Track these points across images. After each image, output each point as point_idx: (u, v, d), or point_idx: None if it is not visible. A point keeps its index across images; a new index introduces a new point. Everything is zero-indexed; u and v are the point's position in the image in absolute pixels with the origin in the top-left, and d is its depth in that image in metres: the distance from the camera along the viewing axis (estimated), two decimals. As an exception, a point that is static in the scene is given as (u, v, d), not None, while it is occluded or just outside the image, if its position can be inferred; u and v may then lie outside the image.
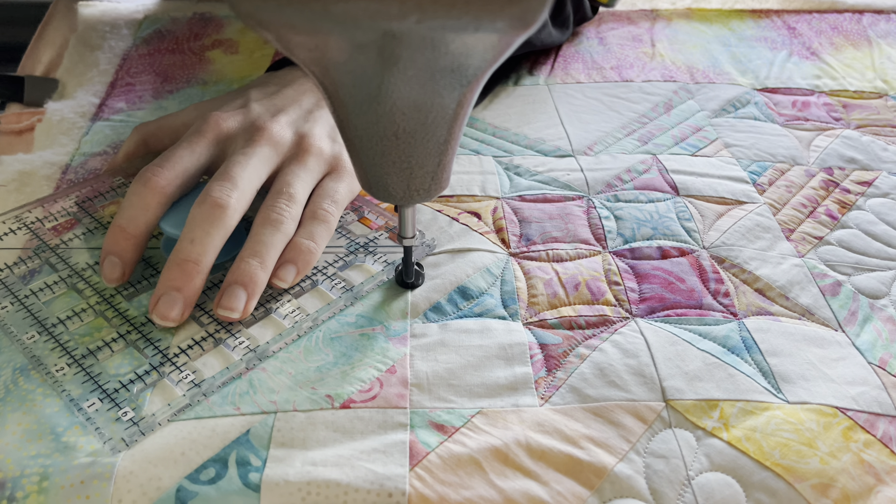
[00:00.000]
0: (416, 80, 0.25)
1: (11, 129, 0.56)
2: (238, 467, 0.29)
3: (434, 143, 0.28)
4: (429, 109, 0.27)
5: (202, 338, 0.35)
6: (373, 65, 0.24)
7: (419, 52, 0.24)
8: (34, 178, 0.48)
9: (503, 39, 0.24)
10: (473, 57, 0.25)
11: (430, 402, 0.32)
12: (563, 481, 0.29)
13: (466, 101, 0.27)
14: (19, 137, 0.56)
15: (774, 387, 0.35)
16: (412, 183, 0.30)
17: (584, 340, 0.36)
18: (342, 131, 0.29)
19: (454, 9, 0.22)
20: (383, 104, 0.26)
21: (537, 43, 0.60)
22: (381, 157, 0.29)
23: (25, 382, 0.33)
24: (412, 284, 0.38)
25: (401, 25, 0.22)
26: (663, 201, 0.47)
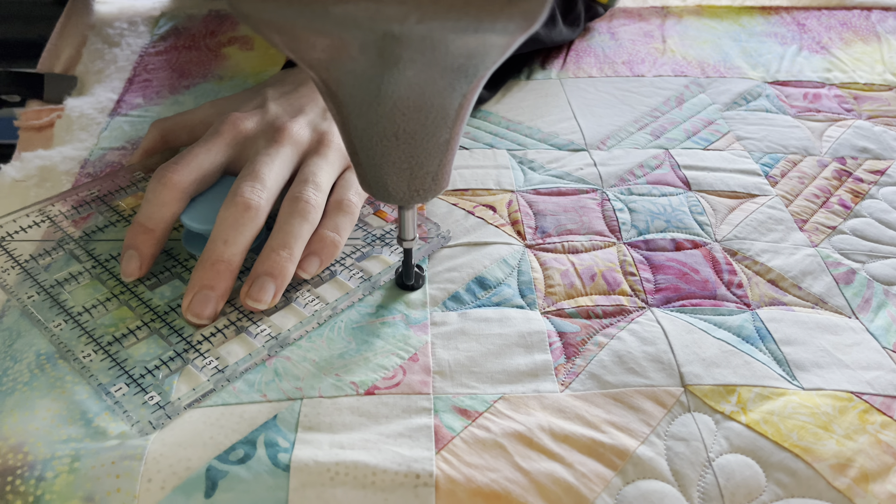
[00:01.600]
0: (416, 80, 0.25)
1: (31, 126, 0.57)
2: (267, 448, 0.29)
3: (434, 143, 0.28)
4: (429, 110, 0.27)
5: (224, 325, 0.36)
6: (373, 65, 0.24)
7: (419, 52, 0.24)
8: (54, 173, 0.49)
9: (503, 40, 0.24)
10: (473, 57, 0.25)
11: (453, 388, 0.33)
12: (587, 463, 0.30)
13: (467, 101, 0.27)
14: (39, 134, 0.57)
15: (789, 374, 0.35)
16: (412, 183, 0.30)
17: (602, 329, 0.36)
18: (342, 132, 0.29)
19: (454, 10, 0.22)
20: (383, 105, 0.26)
21: (548, 41, 0.61)
22: (381, 157, 0.29)
23: (52, 369, 0.33)
24: (412, 286, 0.38)
25: (401, 26, 0.22)
26: (676, 195, 0.47)
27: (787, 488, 0.30)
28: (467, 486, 0.28)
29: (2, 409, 0.31)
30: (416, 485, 0.28)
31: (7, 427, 0.30)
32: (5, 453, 0.29)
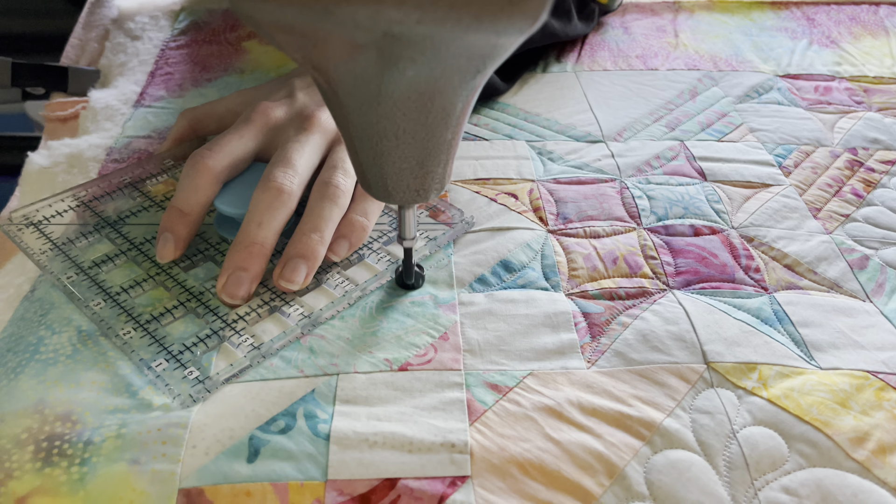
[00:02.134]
0: (416, 80, 0.25)
1: (57, 117, 0.58)
2: (307, 420, 0.31)
3: (435, 143, 0.28)
4: (429, 110, 0.27)
5: (258, 305, 0.37)
6: (373, 65, 0.24)
7: (419, 52, 0.24)
8: (80, 160, 0.50)
9: (504, 40, 0.24)
10: (474, 57, 0.25)
11: (483, 364, 0.34)
12: (616, 434, 0.31)
13: (467, 101, 0.27)
14: (64, 125, 0.58)
15: (807, 355, 0.36)
16: (412, 183, 0.30)
17: (625, 310, 0.37)
18: (342, 131, 0.29)
19: (454, 10, 0.22)
20: (384, 105, 0.26)
21: (563, 35, 0.62)
22: (381, 157, 0.29)
23: (94, 345, 0.34)
24: (412, 286, 0.38)
25: (401, 26, 0.22)
26: (692, 185, 0.48)
27: (810, 459, 0.31)
28: (501, 455, 0.30)
29: (45, 379, 0.32)
30: (451, 452, 0.29)
31: (53, 396, 0.31)
32: (52, 421, 0.30)
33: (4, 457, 0.29)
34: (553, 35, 0.60)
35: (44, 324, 0.35)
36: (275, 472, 0.29)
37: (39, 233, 0.41)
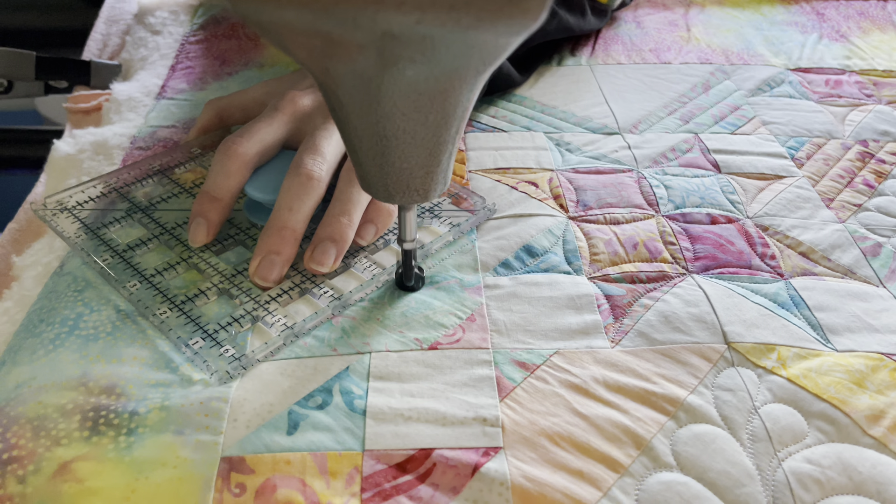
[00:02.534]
0: (416, 80, 0.25)
1: (80, 109, 0.59)
2: (342, 395, 0.32)
3: (435, 143, 0.28)
4: (429, 110, 0.27)
5: (289, 287, 0.38)
6: (373, 66, 0.24)
7: (419, 52, 0.24)
8: (105, 147, 0.51)
9: (503, 40, 0.24)
10: (473, 57, 0.25)
11: (511, 343, 0.35)
12: (642, 409, 0.32)
13: (467, 101, 0.27)
14: (87, 117, 0.59)
15: (823, 338, 0.37)
16: (412, 183, 0.30)
17: (647, 293, 0.38)
18: (342, 132, 0.29)
19: (454, 10, 0.22)
20: (383, 105, 0.26)
21: (577, 29, 0.63)
22: (381, 157, 0.29)
23: (133, 323, 0.35)
24: (411, 288, 0.38)
25: (400, 26, 0.22)
26: (707, 177, 0.49)
27: (828, 434, 0.32)
28: (532, 428, 0.31)
29: (88, 353, 0.33)
30: (483, 426, 0.30)
31: (96, 370, 0.32)
32: (98, 394, 0.31)
33: (51, 424, 0.30)
34: (567, 29, 0.61)
35: (81, 300, 0.36)
36: (313, 444, 0.30)
37: (74, 217, 0.42)
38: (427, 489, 0.28)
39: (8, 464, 0.29)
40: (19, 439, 0.29)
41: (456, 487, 0.28)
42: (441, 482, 0.28)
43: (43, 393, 0.31)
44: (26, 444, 0.29)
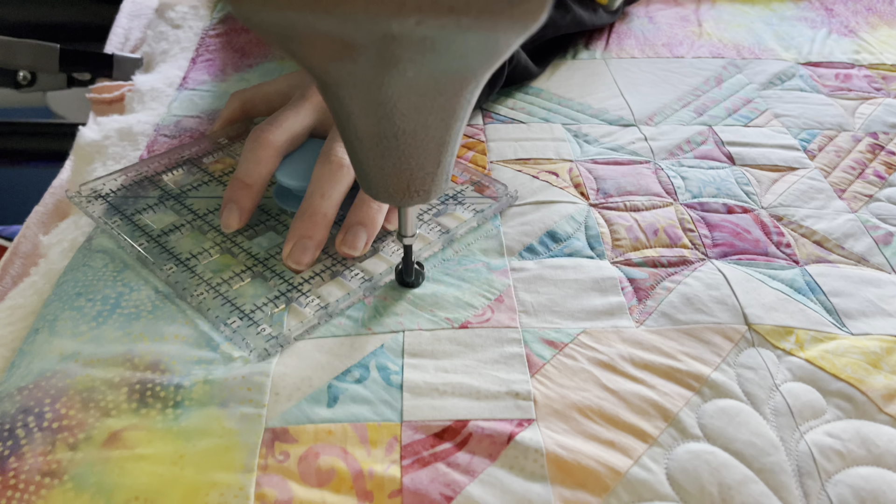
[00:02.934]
0: (416, 81, 0.25)
1: (103, 99, 0.60)
2: (379, 371, 0.33)
3: (435, 144, 0.28)
4: (429, 111, 0.27)
5: (321, 270, 0.39)
6: (373, 66, 0.24)
7: (419, 53, 0.24)
8: (130, 134, 0.52)
9: (503, 40, 0.24)
10: (474, 58, 0.25)
11: (539, 323, 0.36)
12: (668, 385, 0.33)
13: (467, 101, 0.27)
14: (110, 107, 0.60)
15: (838, 322, 0.38)
16: (412, 184, 0.30)
17: (668, 276, 0.40)
18: (342, 132, 0.29)
19: (454, 11, 0.22)
20: (384, 105, 0.26)
21: (590, 24, 0.64)
22: (381, 158, 0.29)
23: (172, 304, 0.36)
24: (411, 284, 0.38)
25: (401, 27, 0.22)
26: (722, 168, 0.50)
27: (846, 411, 0.33)
28: (562, 402, 0.32)
29: (131, 332, 0.34)
30: (516, 399, 0.32)
31: (140, 348, 0.33)
32: (143, 369, 0.32)
33: (99, 396, 0.31)
34: (580, 24, 0.62)
35: (120, 280, 0.38)
36: (353, 415, 0.31)
37: (108, 204, 0.43)
38: (464, 456, 0.29)
39: (58, 432, 0.30)
40: (69, 409, 0.31)
41: (492, 454, 0.29)
42: (477, 450, 0.30)
43: (90, 368, 0.32)
44: (76, 415, 0.30)
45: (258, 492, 0.28)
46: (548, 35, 0.60)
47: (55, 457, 0.29)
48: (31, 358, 0.33)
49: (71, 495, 0.28)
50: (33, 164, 0.78)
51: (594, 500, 0.28)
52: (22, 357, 0.34)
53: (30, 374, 0.32)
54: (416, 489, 0.28)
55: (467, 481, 0.28)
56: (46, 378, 0.32)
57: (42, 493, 0.28)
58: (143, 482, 0.28)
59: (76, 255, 0.40)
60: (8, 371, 0.33)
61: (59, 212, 0.48)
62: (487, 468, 0.29)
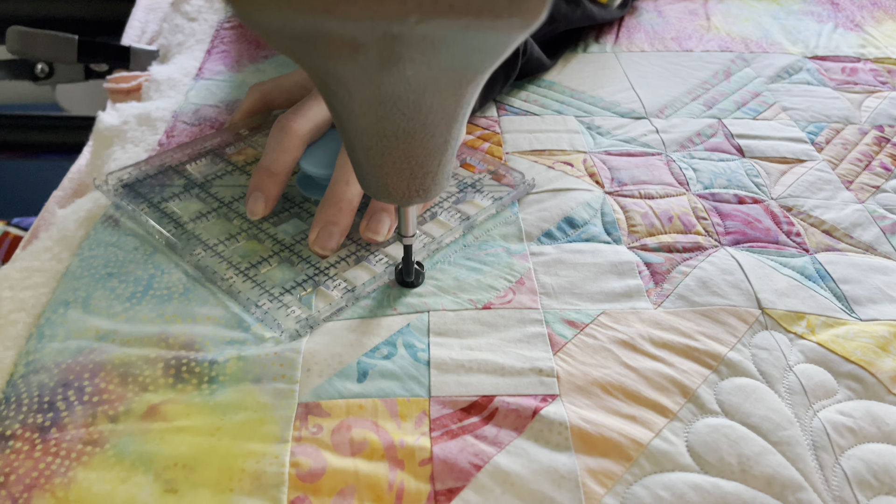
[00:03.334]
0: (416, 80, 0.25)
1: (120, 89, 0.61)
2: (406, 349, 0.34)
3: (434, 143, 0.28)
4: (429, 110, 0.27)
5: (346, 255, 0.40)
6: (373, 65, 0.24)
7: (419, 52, 0.24)
8: (149, 119, 0.53)
9: (503, 39, 0.24)
10: (474, 57, 0.25)
11: (559, 304, 0.37)
12: (686, 363, 0.34)
13: (467, 101, 0.27)
14: (127, 97, 0.61)
15: (848, 308, 0.39)
16: (412, 183, 0.30)
17: (683, 261, 0.41)
18: (342, 131, 0.29)
19: (454, 9, 0.21)
20: (383, 105, 0.26)
21: (600, 18, 0.65)
22: (381, 157, 0.29)
23: (202, 287, 0.37)
24: (411, 283, 0.38)
25: (401, 26, 0.22)
26: (732, 161, 0.51)
27: (857, 392, 0.34)
28: (585, 378, 0.33)
29: (164, 313, 0.36)
30: (540, 376, 0.33)
31: (174, 328, 0.35)
32: (178, 349, 0.33)
33: (137, 372, 0.32)
34: (591, 17, 0.63)
35: (151, 262, 0.39)
36: (383, 391, 0.32)
37: (134, 192, 0.44)
38: (492, 429, 0.30)
39: (98, 405, 0.31)
40: (108, 384, 0.32)
41: (518, 428, 0.30)
42: (504, 423, 0.31)
43: (126, 347, 0.33)
44: (115, 389, 0.31)
45: (293, 460, 0.29)
46: (559, 28, 0.61)
47: (96, 428, 0.30)
48: (67, 334, 0.34)
49: (112, 462, 0.29)
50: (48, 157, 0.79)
51: (618, 469, 0.29)
52: (53, 328, 0.35)
53: (67, 349, 0.33)
54: (445, 458, 0.29)
55: (495, 452, 0.30)
56: (84, 354, 0.33)
57: (84, 460, 0.29)
58: (182, 451, 0.29)
59: (98, 228, 0.41)
60: (37, 339, 0.34)
61: (77, 195, 0.49)
62: (514, 440, 0.30)
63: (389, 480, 0.28)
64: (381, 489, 0.28)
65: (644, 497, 0.28)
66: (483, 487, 0.28)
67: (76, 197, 0.49)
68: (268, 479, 0.28)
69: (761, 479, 0.29)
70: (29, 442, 0.30)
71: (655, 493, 0.28)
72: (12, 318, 0.35)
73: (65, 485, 0.28)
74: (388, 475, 0.29)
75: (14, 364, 0.33)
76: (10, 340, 0.34)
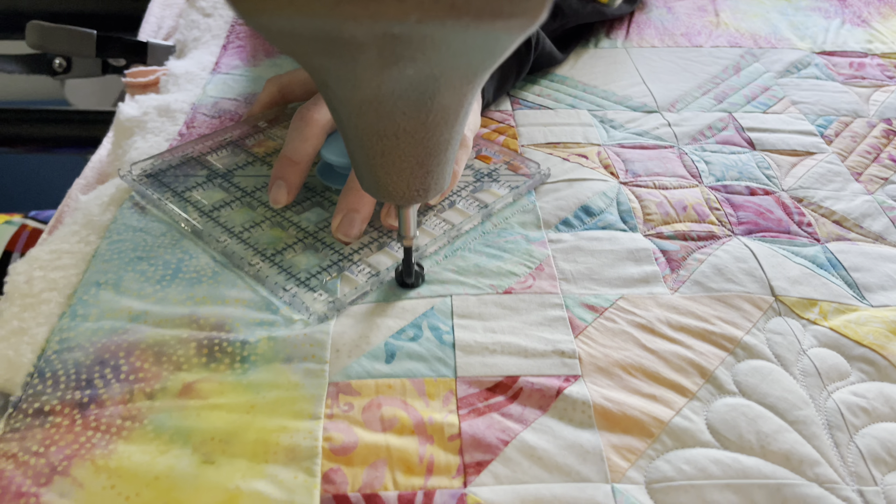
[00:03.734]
0: (416, 79, 0.25)
1: (138, 83, 0.62)
2: (431, 331, 0.35)
3: (435, 142, 0.28)
4: (429, 109, 0.27)
5: (369, 241, 0.41)
6: (373, 65, 0.24)
7: (419, 51, 0.24)
8: (169, 111, 0.54)
9: (503, 39, 0.24)
10: (474, 56, 0.25)
11: (578, 290, 0.38)
12: (703, 346, 0.35)
13: (466, 100, 0.27)
14: (145, 90, 0.62)
15: (859, 295, 0.40)
16: (412, 183, 0.30)
17: (698, 249, 0.42)
18: (342, 130, 0.29)
19: (454, 9, 0.22)
20: (384, 104, 0.26)
21: (610, 14, 0.66)
22: (381, 156, 0.29)
23: (230, 272, 0.38)
24: (411, 285, 0.38)
25: (401, 25, 0.22)
26: (744, 153, 0.52)
27: (869, 374, 0.35)
28: (606, 360, 0.34)
29: (194, 295, 0.37)
30: (562, 357, 0.34)
31: (204, 310, 0.35)
32: (209, 329, 0.34)
33: (171, 351, 0.33)
34: (600, 13, 0.64)
35: (179, 248, 0.40)
36: (410, 371, 0.33)
37: (158, 182, 0.45)
38: (517, 407, 0.31)
39: (135, 382, 0.32)
40: (143, 363, 0.33)
41: (542, 406, 0.31)
42: (528, 402, 0.32)
43: (159, 327, 0.34)
44: (150, 368, 0.32)
45: (326, 435, 0.30)
46: (570, 24, 0.62)
47: (134, 405, 0.31)
48: (100, 314, 0.35)
49: (151, 436, 0.30)
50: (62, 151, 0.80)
51: (641, 445, 0.30)
52: (86, 308, 0.36)
53: (101, 329, 0.34)
54: (473, 433, 0.30)
55: (521, 428, 0.30)
56: (119, 334, 0.34)
57: (123, 435, 0.30)
58: (217, 426, 0.30)
59: (125, 212, 0.42)
60: (70, 318, 0.35)
61: (99, 183, 0.50)
62: (539, 418, 0.31)
63: (420, 454, 0.29)
64: (412, 461, 0.29)
65: (667, 470, 0.29)
66: (511, 460, 0.29)
67: (98, 184, 0.50)
68: (302, 453, 0.29)
69: (779, 454, 0.30)
70: (69, 417, 0.30)
71: (678, 466, 0.29)
72: (44, 296, 0.36)
73: (105, 455, 0.29)
74: (418, 449, 0.29)
75: (46, 340, 0.34)
76: (42, 317, 0.35)
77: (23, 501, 0.27)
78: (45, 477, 0.28)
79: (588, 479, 0.29)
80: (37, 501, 0.28)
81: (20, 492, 0.28)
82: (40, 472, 0.28)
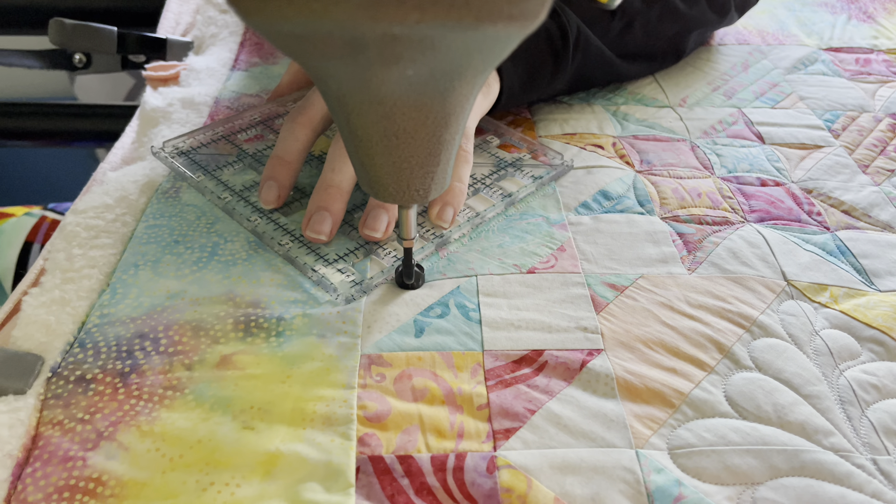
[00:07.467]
0: (416, 80, 0.25)
1: (159, 77, 0.63)
2: (458, 308, 0.36)
3: (435, 143, 0.28)
4: (429, 109, 0.27)
5: (396, 227, 0.42)
6: (373, 65, 0.24)
7: (419, 52, 0.23)
8: (192, 103, 0.55)
9: (503, 39, 0.24)
10: (474, 56, 0.25)
11: (599, 269, 0.39)
12: (721, 323, 0.36)
13: (467, 100, 0.28)
14: (166, 84, 0.63)
15: (868, 281, 0.41)
16: (412, 183, 0.30)
17: (713, 233, 0.43)
18: (342, 131, 0.29)
19: (454, 9, 0.21)
20: (384, 104, 0.26)
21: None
22: (381, 157, 0.29)
23: (264, 252, 0.40)
24: (411, 286, 0.38)
25: (401, 26, 0.22)
26: (754, 147, 0.53)
27: (879, 355, 0.36)
28: (627, 335, 0.35)
29: (230, 275, 0.38)
30: (585, 333, 0.35)
31: (240, 289, 0.37)
32: (245, 307, 0.36)
33: (208, 326, 0.34)
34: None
35: (214, 232, 0.41)
36: (439, 345, 0.34)
37: (190, 160, 0.46)
38: (542, 379, 0.33)
39: (174, 355, 0.33)
40: (181, 337, 0.34)
41: (567, 378, 0.33)
42: (553, 375, 0.33)
43: (196, 304, 0.36)
44: (188, 341, 0.34)
45: (360, 404, 0.31)
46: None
47: (174, 375, 0.32)
48: (139, 292, 0.36)
49: (193, 405, 0.31)
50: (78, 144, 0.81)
51: (662, 415, 0.31)
52: (125, 287, 0.37)
53: (140, 306, 0.36)
54: (501, 403, 0.31)
55: (547, 399, 0.32)
56: (157, 312, 0.35)
57: (166, 403, 0.31)
58: (256, 395, 0.31)
59: (160, 199, 0.43)
60: (111, 295, 0.36)
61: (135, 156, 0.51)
62: (564, 389, 0.32)
63: (451, 421, 0.31)
64: (444, 427, 0.30)
65: (689, 437, 0.30)
66: (538, 428, 0.30)
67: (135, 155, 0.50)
68: (338, 419, 0.30)
69: (796, 424, 0.31)
70: (111, 386, 0.32)
71: (699, 434, 0.31)
72: (85, 272, 0.37)
73: (150, 422, 0.30)
74: (448, 417, 0.31)
75: (86, 314, 0.35)
76: (83, 291, 0.36)
77: (70, 465, 0.29)
78: (92, 442, 0.29)
79: (613, 444, 0.30)
80: (84, 464, 0.29)
81: (67, 456, 0.29)
82: (87, 438, 0.30)
